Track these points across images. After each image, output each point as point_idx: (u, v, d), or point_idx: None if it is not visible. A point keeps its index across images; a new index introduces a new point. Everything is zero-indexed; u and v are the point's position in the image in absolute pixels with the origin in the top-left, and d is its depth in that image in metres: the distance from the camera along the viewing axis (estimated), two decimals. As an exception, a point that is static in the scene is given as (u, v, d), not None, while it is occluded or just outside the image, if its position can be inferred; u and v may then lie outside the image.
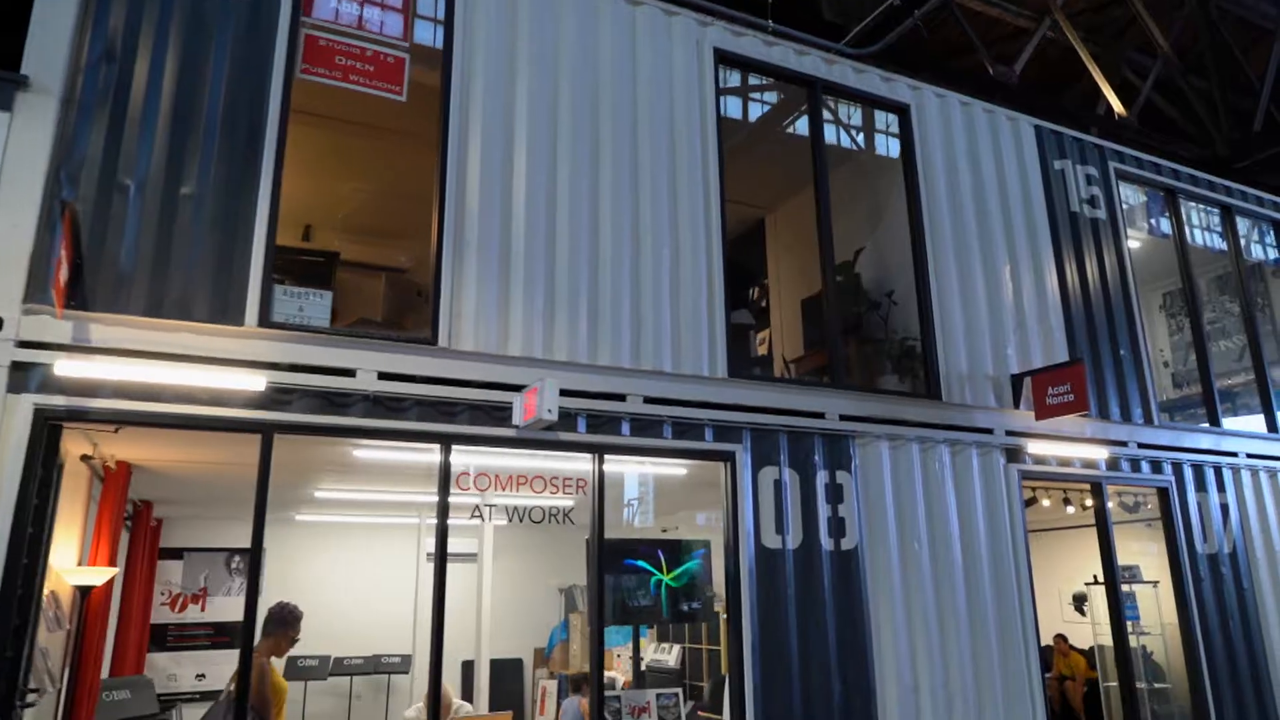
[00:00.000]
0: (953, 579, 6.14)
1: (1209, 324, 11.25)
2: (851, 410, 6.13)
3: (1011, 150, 7.66)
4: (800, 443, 5.89)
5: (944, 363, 6.64)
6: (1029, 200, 7.59)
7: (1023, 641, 6.26)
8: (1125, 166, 8.35)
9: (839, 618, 5.67)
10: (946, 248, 6.97)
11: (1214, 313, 11.18)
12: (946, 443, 6.45)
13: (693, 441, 5.53)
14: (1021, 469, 6.71)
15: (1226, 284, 11.07)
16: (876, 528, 5.98)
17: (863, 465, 6.07)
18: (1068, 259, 7.61)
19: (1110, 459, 7.20)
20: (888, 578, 5.91)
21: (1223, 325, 11.05)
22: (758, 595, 5.42)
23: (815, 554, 5.71)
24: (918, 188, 7.00)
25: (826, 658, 5.55)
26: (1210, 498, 7.68)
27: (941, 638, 5.98)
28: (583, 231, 5.54)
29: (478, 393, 4.98)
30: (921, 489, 6.24)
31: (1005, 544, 6.44)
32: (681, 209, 5.92)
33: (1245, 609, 7.50)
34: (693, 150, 6.08)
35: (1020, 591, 6.39)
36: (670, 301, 5.71)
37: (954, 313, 6.82)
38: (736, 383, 5.75)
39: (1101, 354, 7.51)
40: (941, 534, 6.20)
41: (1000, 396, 6.85)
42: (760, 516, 5.59)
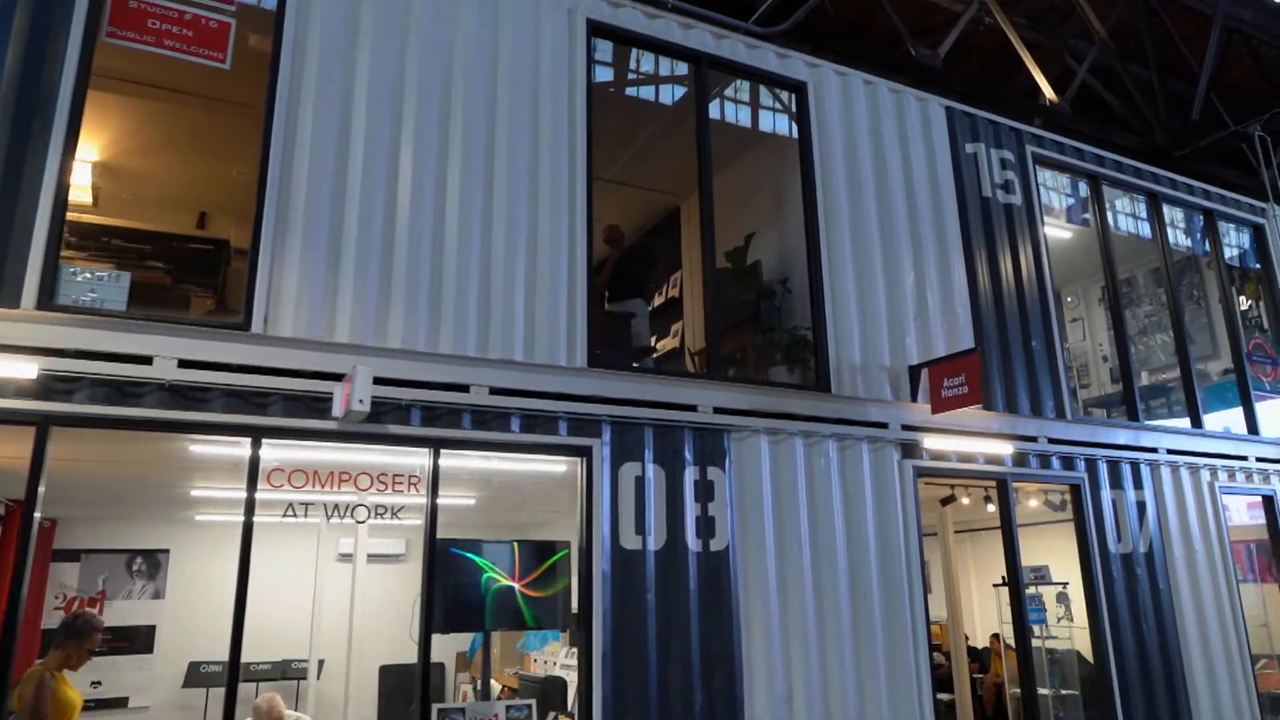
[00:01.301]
0: (836, 582, 5.79)
1: (1146, 317, 10.99)
2: (727, 403, 5.77)
3: (919, 132, 7.32)
4: (668, 437, 5.53)
5: (835, 353, 6.30)
6: (936, 184, 7.25)
7: (912, 649, 5.92)
8: (1044, 151, 8.03)
9: (705, 623, 5.31)
10: (842, 232, 6.62)
11: (1151, 305, 10.90)
12: (834, 437, 6.10)
13: (545, 435, 5.17)
14: (918, 465, 6.37)
15: (1163, 276, 10.79)
16: (751, 528, 5.63)
17: (738, 461, 5.72)
18: (977, 246, 7.28)
19: (1017, 454, 6.87)
20: (762, 581, 5.55)
21: (1159, 319, 10.76)
22: (612, 600, 5.06)
23: (681, 556, 5.36)
24: (813, 169, 6.65)
25: (689, 666, 5.20)
26: (1126, 495, 7.36)
27: (821, 645, 5.63)
28: (427, 209, 5.17)
29: (296, 382, 4.60)
30: (804, 486, 5.89)
31: (897, 544, 6.10)
32: (543, 189, 5.55)
33: (1160, 611, 7.19)
34: (558, 127, 5.71)
35: (911, 595, 6.05)
36: (525, 286, 5.34)
37: (848, 300, 6.47)
38: (597, 373, 5.38)
39: (1011, 346, 7.19)
40: (825, 534, 5.86)
41: (897, 389, 6.51)
42: (619, 516, 5.23)
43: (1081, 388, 11.24)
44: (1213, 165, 11.66)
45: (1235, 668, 7.42)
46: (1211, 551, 7.69)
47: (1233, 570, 7.74)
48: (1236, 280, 9.97)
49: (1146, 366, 10.76)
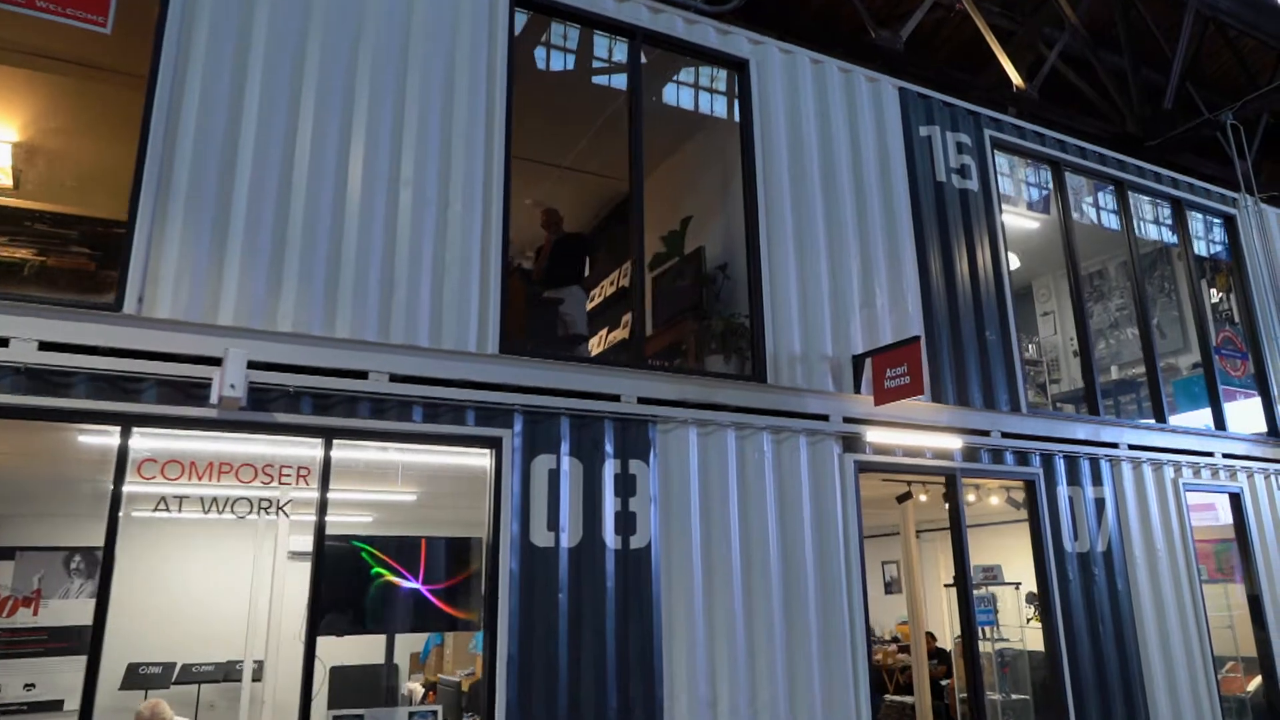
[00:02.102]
0: (768, 581, 5.50)
1: (1118, 310, 10.71)
2: (653, 392, 5.48)
3: (869, 113, 7.03)
4: (587, 428, 5.23)
5: (772, 342, 6.00)
6: (887, 168, 6.96)
7: (850, 652, 5.63)
8: (1003, 136, 7.74)
9: (623, 625, 5.01)
10: (783, 217, 6.33)
11: (1123, 298, 10.62)
12: (769, 429, 5.81)
13: (450, 425, 4.87)
14: (860, 459, 6.08)
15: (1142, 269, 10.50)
16: (676, 524, 5.33)
17: (664, 454, 5.42)
18: (930, 232, 6.99)
19: (967, 449, 6.59)
20: (686, 580, 5.26)
21: (1131, 312, 10.47)
22: (520, 600, 4.76)
23: (598, 554, 5.06)
24: (753, 152, 6.36)
25: (604, 670, 4.90)
26: (1085, 492, 7.08)
27: (749, 648, 5.34)
28: (326, 184, 4.87)
29: (172, 367, 4.30)
30: (735, 480, 5.60)
31: (835, 541, 5.81)
32: (455, 167, 5.25)
33: (1119, 612, 6.90)
34: (474, 102, 5.41)
35: (850, 595, 5.76)
36: (433, 268, 5.03)
37: (788, 288, 6.17)
38: (510, 360, 5.08)
39: (964, 336, 6.90)
40: (757, 530, 5.56)
41: (840, 380, 6.22)
42: (530, 511, 4.93)
43: (1052, 382, 10.96)
44: (1187, 156, 11.39)
45: (1197, 671, 7.14)
46: (1174, 551, 7.40)
47: (1196, 570, 7.46)
48: (1208, 272, 9.70)
49: (1118, 361, 10.48)
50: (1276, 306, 9.09)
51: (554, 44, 7.01)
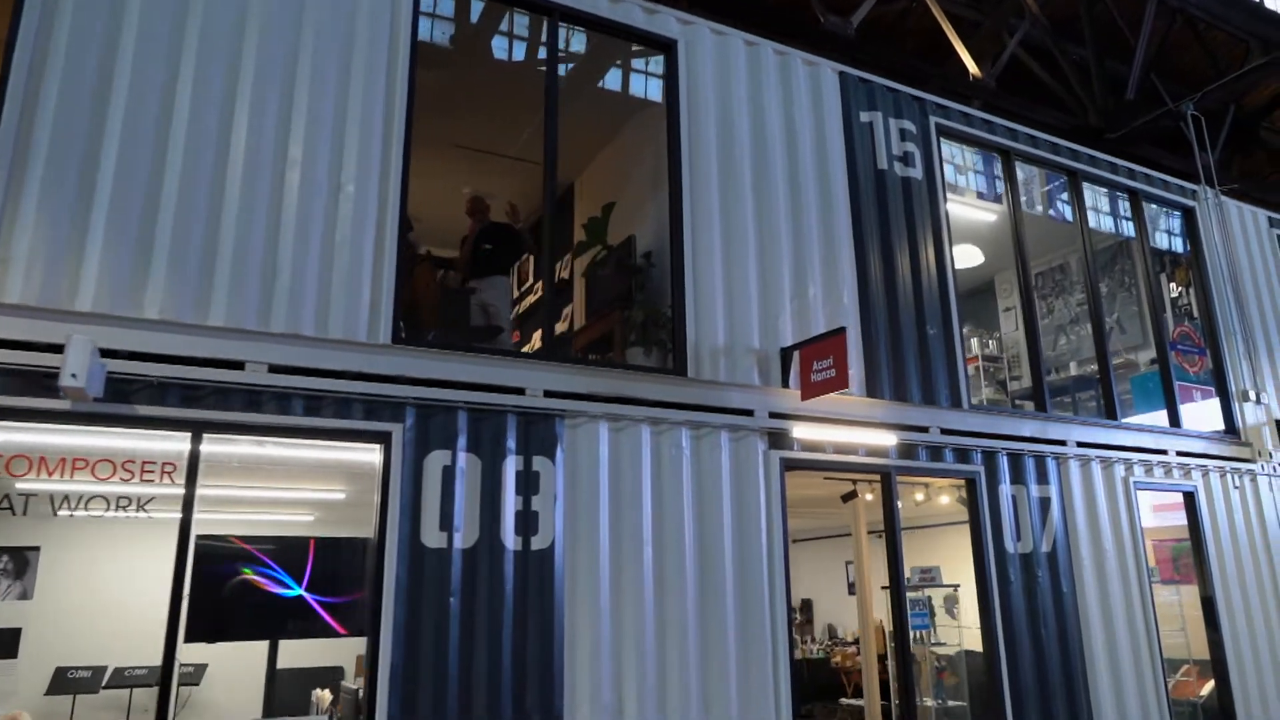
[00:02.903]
0: (682, 584, 5.24)
1: (1079, 305, 10.48)
2: (562, 385, 5.21)
3: (806, 98, 6.77)
4: (487, 422, 4.96)
5: (694, 334, 5.74)
6: (825, 154, 6.70)
7: (771, 659, 5.37)
8: (949, 123, 7.49)
9: (521, 630, 4.74)
10: (710, 204, 6.07)
11: (1084, 294, 10.38)
12: (688, 425, 5.55)
13: (334, 419, 4.59)
14: (786, 456, 5.83)
15: (1095, 262, 10.28)
16: (583, 524, 5.06)
17: (571, 450, 5.16)
18: (869, 221, 6.74)
19: (904, 446, 6.34)
20: (592, 582, 4.99)
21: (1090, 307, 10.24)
22: (406, 605, 4.49)
23: (496, 555, 4.79)
24: (679, 135, 6.10)
25: (499, 679, 4.63)
26: (1029, 491, 6.83)
27: (660, 653, 5.07)
28: (205, 160, 4.59)
29: (21, 356, 4.01)
30: (650, 478, 5.34)
31: (757, 542, 5.55)
32: (350, 148, 4.97)
33: (1063, 616, 6.66)
34: (373, 77, 5.13)
35: (772, 599, 5.50)
36: (321, 253, 4.76)
37: (713, 278, 5.91)
38: (403, 350, 4.81)
39: (904, 330, 6.64)
40: (672, 531, 5.30)
41: (767, 374, 5.96)
42: (421, 509, 4.66)
43: (1012, 379, 10.73)
44: (1151, 149, 11.16)
45: (1145, 675, 6.91)
46: (1123, 551, 7.17)
47: (1146, 571, 7.23)
48: (1167, 266, 9.48)
49: (1078, 357, 10.25)
50: (1235, 301, 8.87)
51: (511, 33, 6.81)
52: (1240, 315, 8.85)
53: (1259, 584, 7.93)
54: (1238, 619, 7.66)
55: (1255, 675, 7.58)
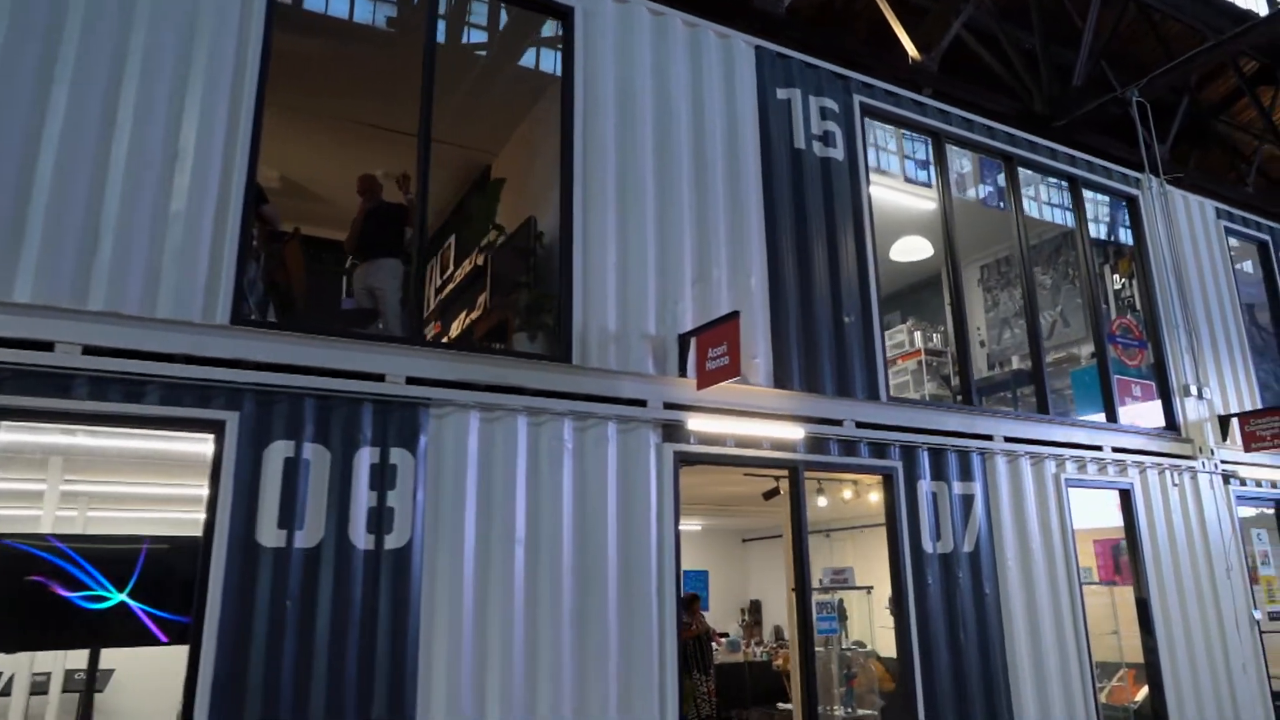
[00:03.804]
0: (558, 587, 4.86)
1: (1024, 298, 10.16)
2: (429, 372, 4.82)
3: (718, 72, 6.41)
4: (340, 411, 4.56)
5: (582, 318, 5.36)
6: (736, 131, 6.34)
7: (658, 667, 5.00)
8: (875, 102, 7.15)
9: (370, 636, 4.35)
10: (605, 181, 5.69)
11: (1027, 285, 10.07)
12: (572, 415, 5.17)
13: (159, 406, 4.18)
14: (682, 450, 5.46)
15: (1040, 254, 10.00)
16: (447, 521, 4.68)
17: (436, 442, 4.77)
18: (782, 203, 6.39)
19: (813, 439, 5.98)
20: (454, 585, 4.60)
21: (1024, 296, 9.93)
22: (233, 610, 4.08)
23: (344, 555, 4.39)
24: (573, 107, 5.72)
25: (342, 689, 4.24)
26: (950, 488, 6.50)
27: (530, 661, 4.69)
28: (15, 125, 4.17)
29: None
30: (525, 473, 4.95)
31: (646, 542, 5.18)
32: (190, 111, 4.56)
33: (984, 619, 6.33)
34: (221, 42, 4.72)
35: (662, 602, 5.13)
36: (151, 226, 4.35)
37: (605, 259, 5.54)
38: (241, 332, 4.40)
39: (818, 317, 6.30)
40: (549, 529, 4.92)
41: (663, 362, 5.59)
42: (259, 505, 4.25)
43: (956, 374, 10.40)
44: (1099, 138, 10.87)
45: (1073, 682, 6.59)
46: (1052, 552, 6.85)
47: (1076, 573, 6.91)
48: (1111, 257, 9.19)
49: (1021, 350, 9.95)
50: (1179, 293, 8.58)
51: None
52: (1184, 307, 8.57)
53: (1196, 586, 7.64)
54: (1173, 622, 7.36)
55: (1191, 680, 7.28)
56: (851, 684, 6.74)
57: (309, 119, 7.58)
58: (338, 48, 6.86)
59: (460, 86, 7.31)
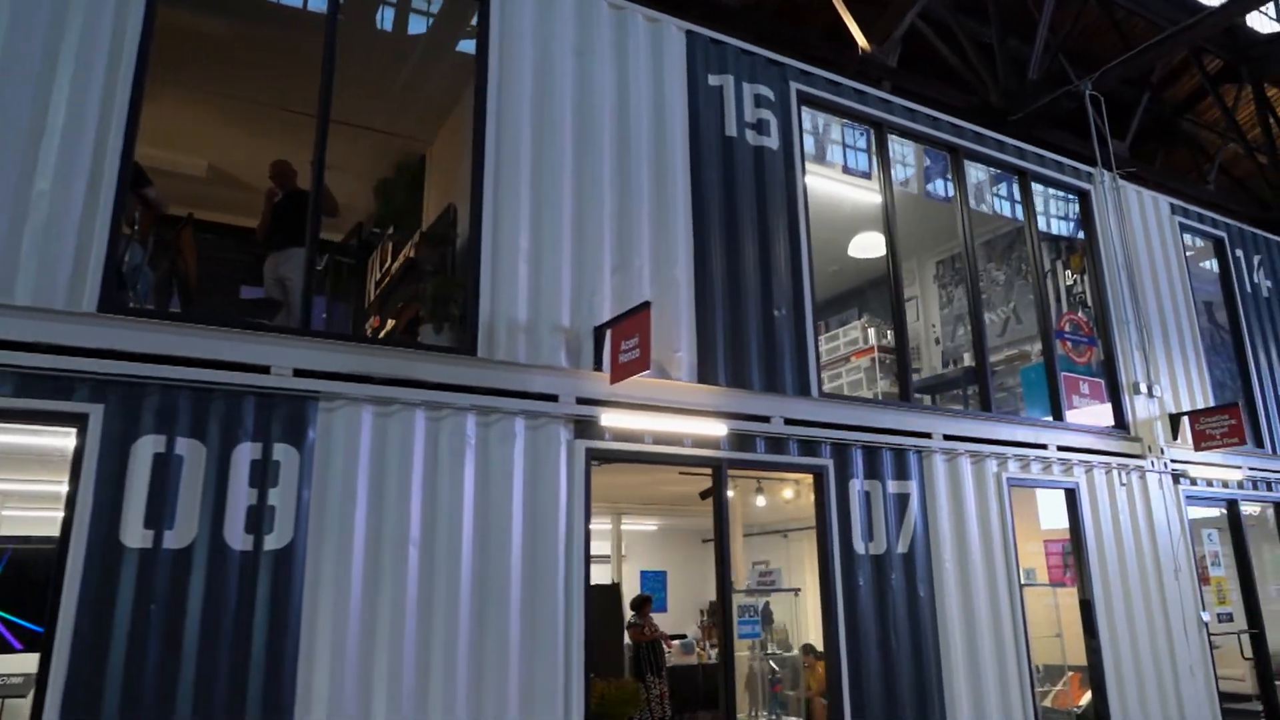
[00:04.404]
0: (455, 591, 4.63)
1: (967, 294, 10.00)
2: (319, 364, 4.58)
3: (646, 56, 6.20)
4: (218, 404, 4.32)
5: (490, 309, 5.14)
6: (663, 118, 6.13)
7: (563, 676, 4.78)
8: (813, 90, 6.95)
9: (244, 641, 4.11)
10: (519, 165, 5.47)
11: (982, 282, 9.91)
12: (475, 410, 4.94)
13: (14, 398, 3.93)
14: (595, 447, 5.24)
15: (994, 249, 9.85)
16: (334, 521, 4.44)
17: (325, 437, 4.53)
18: (711, 192, 6.18)
19: (738, 436, 5.78)
20: (341, 588, 4.37)
21: (989, 296, 9.80)
22: (89, 615, 3.84)
23: (218, 556, 4.15)
24: (486, 88, 5.50)
25: (212, 701, 3.99)
26: (884, 487, 6.31)
27: (422, 670, 4.46)
28: None
29: None
30: (422, 470, 4.73)
31: (553, 543, 4.96)
32: (59, 92, 4.31)
33: (918, 623, 6.14)
34: (97, 21, 4.46)
35: (569, 605, 4.91)
36: (12, 207, 4.09)
37: (516, 246, 5.32)
38: (109, 321, 4.16)
39: (746, 310, 6.09)
40: (447, 529, 4.69)
41: (577, 354, 5.37)
42: (124, 504, 4.01)
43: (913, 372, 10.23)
44: (1057, 132, 10.73)
45: (1010, 687, 6.41)
46: (992, 552, 6.67)
47: (1016, 574, 6.73)
48: (1063, 253, 9.04)
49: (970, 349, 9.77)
50: (1130, 289, 8.43)
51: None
52: (1135, 304, 8.42)
53: (1144, 587, 7.48)
54: (1118, 624, 7.19)
55: (1135, 683, 7.12)
56: (775, 689, 6.54)
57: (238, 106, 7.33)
58: (261, 31, 6.62)
59: (399, 75, 7.09)
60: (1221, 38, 13.24)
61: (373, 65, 6.84)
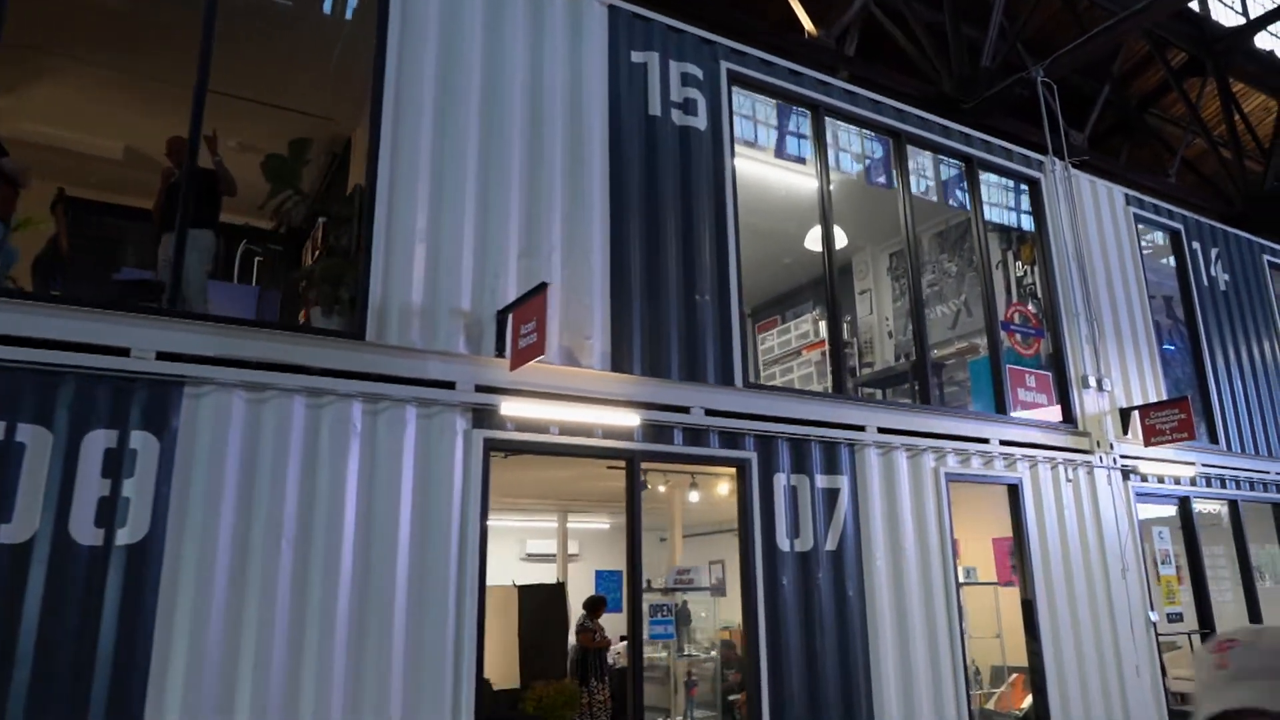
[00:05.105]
0: (333, 588, 4.34)
1: (929, 286, 9.79)
2: (185, 347, 4.29)
3: (563, 31, 5.93)
4: (66, 388, 4.02)
5: (382, 291, 4.85)
6: (579, 95, 5.86)
7: (452, 678, 4.50)
8: (745, 70, 6.69)
9: (89, 646, 3.81)
10: (420, 140, 5.19)
11: (933, 274, 9.71)
12: (362, 397, 4.66)
13: None
14: (494, 437, 4.96)
15: (947, 240, 9.63)
16: (196, 514, 4.14)
17: (191, 425, 4.23)
18: (631, 172, 5.91)
19: (653, 427, 5.51)
20: (202, 588, 4.07)
21: (941, 288, 9.58)
22: (-91, 615, 3.54)
23: (62, 550, 3.85)
24: (384, 61, 5.21)
25: (48, 705, 3.69)
26: (813, 481, 6.05)
27: (293, 678, 4.17)
28: None
29: None
30: (299, 460, 4.44)
31: (445, 539, 4.68)
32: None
33: (845, 623, 5.89)
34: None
35: (461, 606, 4.62)
36: None
37: (413, 225, 5.03)
38: (-56, 296, 3.86)
39: (666, 296, 5.83)
40: (327, 524, 4.41)
41: (478, 340, 5.09)
42: (-46, 495, 3.71)
43: (864, 366, 10.02)
44: (1014, 122, 10.53)
45: (945, 690, 6.17)
46: (927, 550, 6.43)
47: (953, 572, 6.49)
48: (1014, 243, 8.82)
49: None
50: (1080, 280, 8.22)
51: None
52: (1086, 295, 8.20)
53: (1089, 586, 7.25)
54: (1061, 624, 6.97)
55: (1078, 684, 6.89)
56: (691, 693, 6.27)
57: (157, 88, 7.02)
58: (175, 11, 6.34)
59: (329, 56, 6.80)
60: (1186, 30, 13.09)
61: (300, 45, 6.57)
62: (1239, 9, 14.16)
